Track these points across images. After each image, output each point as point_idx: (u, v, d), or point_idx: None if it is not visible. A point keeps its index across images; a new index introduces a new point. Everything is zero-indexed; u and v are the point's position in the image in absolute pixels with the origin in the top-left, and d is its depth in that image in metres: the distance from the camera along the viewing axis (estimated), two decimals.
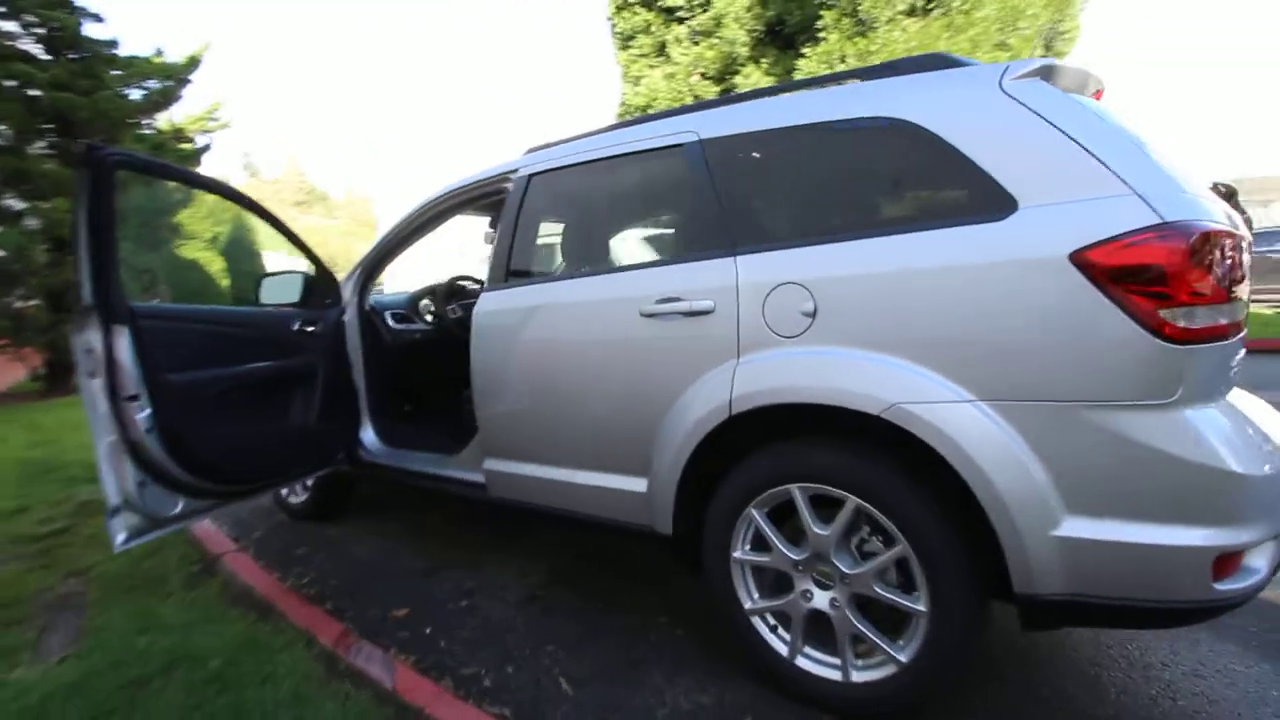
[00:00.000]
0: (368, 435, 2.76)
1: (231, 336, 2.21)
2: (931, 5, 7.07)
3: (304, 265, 2.73)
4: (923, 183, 1.53)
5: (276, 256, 30.57)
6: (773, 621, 1.66)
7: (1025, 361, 1.26)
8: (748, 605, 1.65)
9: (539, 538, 2.70)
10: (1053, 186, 1.28)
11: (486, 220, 3.32)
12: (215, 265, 17.93)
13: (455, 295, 3.18)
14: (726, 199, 1.68)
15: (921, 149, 1.44)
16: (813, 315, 1.47)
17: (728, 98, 1.90)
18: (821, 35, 7.55)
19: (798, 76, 7.90)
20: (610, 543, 2.52)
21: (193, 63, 9.02)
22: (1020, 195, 1.30)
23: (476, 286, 3.43)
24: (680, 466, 1.68)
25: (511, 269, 2.14)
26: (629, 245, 2.17)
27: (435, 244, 3.87)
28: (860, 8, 7.12)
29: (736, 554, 1.65)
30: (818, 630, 1.58)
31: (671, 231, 2.15)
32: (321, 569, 2.54)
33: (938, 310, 1.34)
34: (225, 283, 17.75)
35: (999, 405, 1.28)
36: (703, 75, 9.40)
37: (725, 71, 9.17)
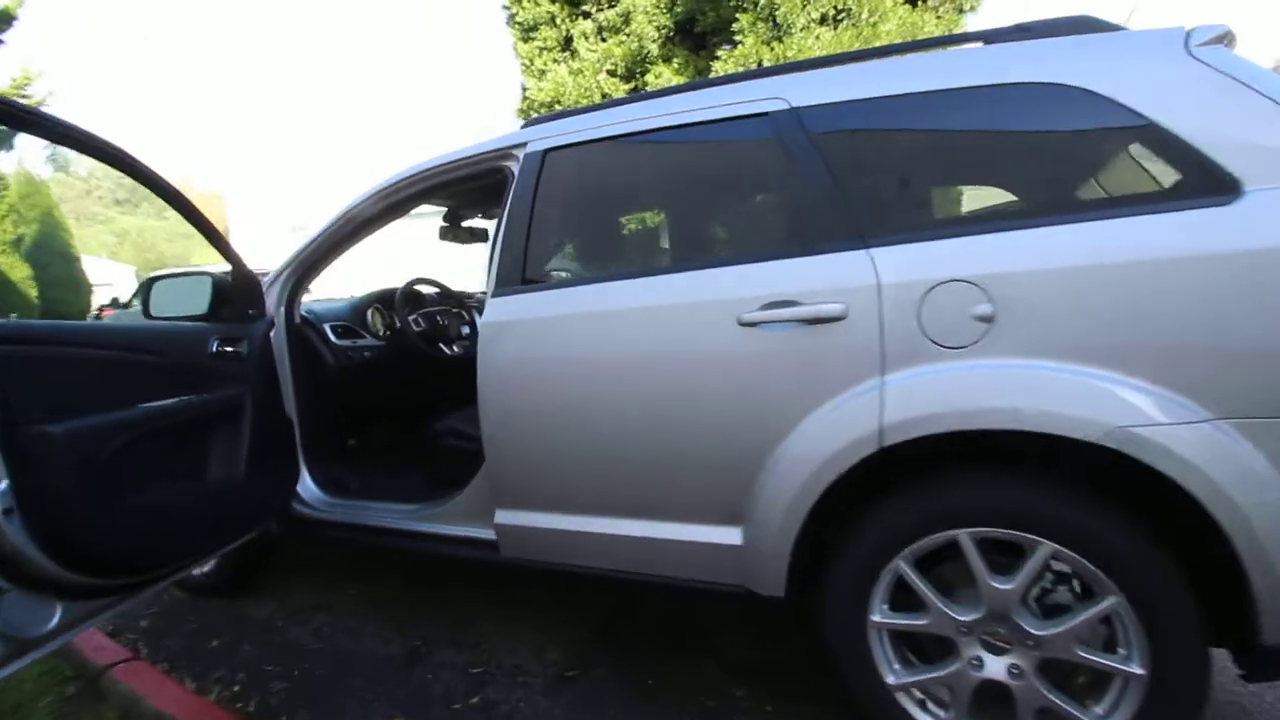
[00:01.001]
0: (304, 484, 2.15)
1: (125, 365, 1.56)
2: (841, 16, 7.26)
3: (206, 266, 2.06)
4: (1112, 160, 1.31)
5: (100, 263, 26.21)
6: (919, 695, 1.36)
7: (1270, 371, 1.06)
8: (890, 680, 1.34)
9: (535, 596, 2.23)
10: None
11: (426, 219, 2.79)
12: (19, 274, 15.02)
13: (413, 302, 2.61)
14: (845, 179, 1.37)
15: (1105, 120, 1.21)
16: (989, 320, 1.19)
17: (810, 61, 1.59)
18: (738, 38, 7.51)
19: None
20: (628, 599, 2.12)
21: (4, 18, 7.30)
22: (1245, 176, 1.10)
23: (434, 291, 2.87)
24: (802, 513, 1.33)
25: (530, 268, 1.68)
26: (699, 237, 1.80)
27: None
28: (777, 13, 7.16)
29: (875, 617, 1.33)
30: (981, 704, 1.30)
31: (760, 219, 1.80)
32: (256, 668, 1.91)
33: (1156, 312, 1.10)
34: (34, 296, 14.89)
35: (1241, 424, 1.07)
36: (610, 73, 9.10)
37: (634, 69, 8.93)
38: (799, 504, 1.33)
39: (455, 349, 2.66)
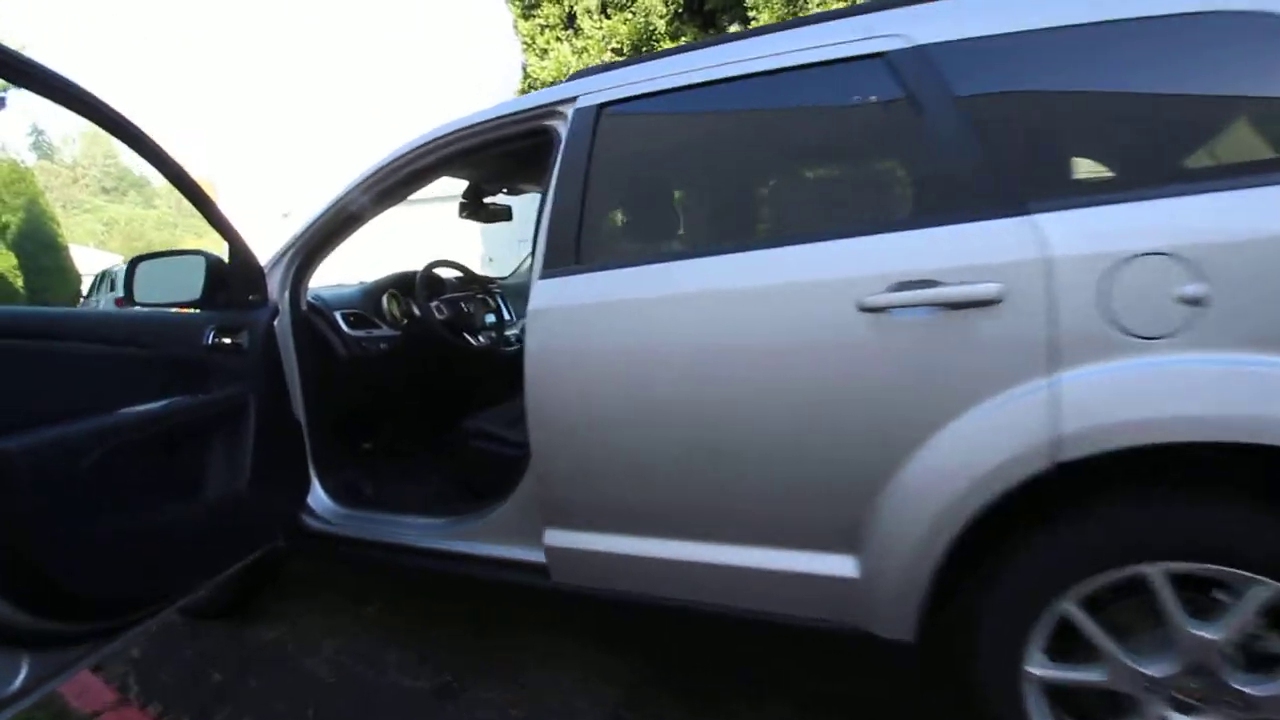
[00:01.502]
0: (314, 493, 1.89)
1: (102, 362, 1.30)
2: None
3: (200, 245, 1.80)
4: None
5: (88, 253, 25.61)
6: None
7: None
8: None
9: (580, 619, 1.98)
10: None
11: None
12: (4, 263, 14.63)
13: (433, 288, 2.34)
14: (994, 130, 1.11)
15: None
16: (1199, 302, 0.94)
17: None
18: (751, 14, 7.19)
19: None
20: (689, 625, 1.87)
21: None
22: None
23: (456, 275, 2.59)
24: (943, 542, 1.09)
25: (586, 246, 1.42)
26: (802, 204, 1.53)
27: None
28: None
29: (1033, 669, 1.09)
30: None
31: (884, 181, 1.54)
32: (265, 708, 1.66)
33: None
34: (20, 286, 14.51)
35: None
36: (615, 51, 8.76)
37: (640, 48, 8.59)
38: (939, 531, 1.08)
39: (481, 339, 2.40)
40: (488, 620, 1.99)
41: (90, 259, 22.61)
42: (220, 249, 1.72)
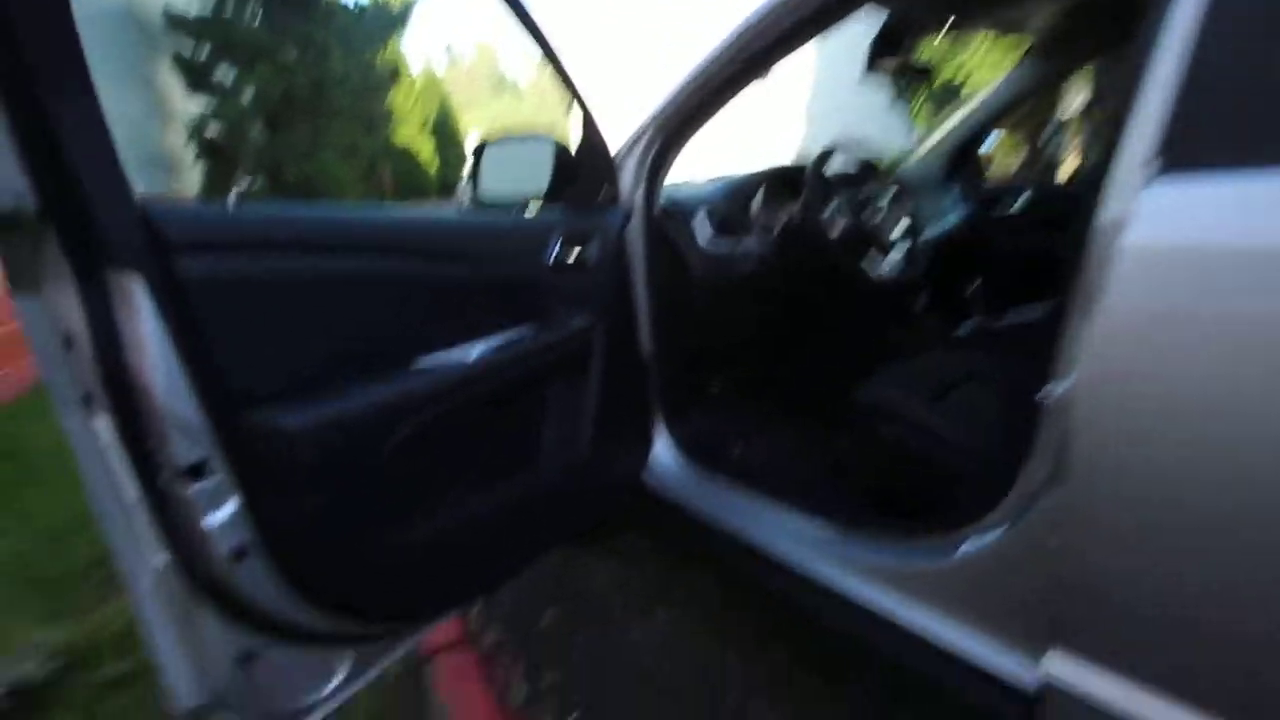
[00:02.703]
0: (658, 447, 1.51)
1: (418, 287, 0.97)
2: None
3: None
4: None
5: (474, 140, 30.97)
6: None
7: None
8: None
9: None
10: None
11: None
12: (425, 153, 18.22)
13: (824, 189, 1.68)
14: None
15: None
16: None
17: None
18: None
19: None
20: None
21: None
22: None
23: (850, 169, 1.89)
24: None
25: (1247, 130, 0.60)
26: None
27: None
28: None
29: None
30: None
31: None
32: (598, 672, 1.43)
33: None
34: (434, 173, 17.94)
35: None
36: None
37: None
38: None
39: (886, 267, 1.70)
40: None
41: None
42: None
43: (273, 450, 0.72)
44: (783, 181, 1.80)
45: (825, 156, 1.71)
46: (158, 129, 6.88)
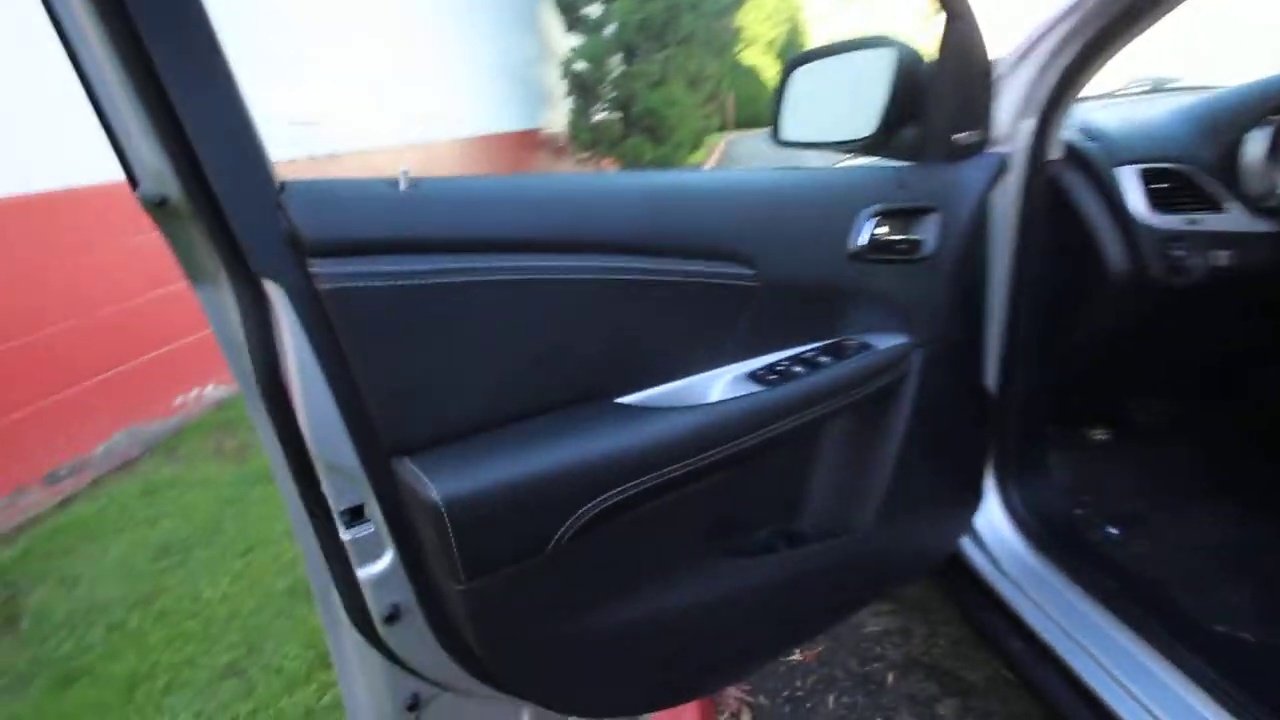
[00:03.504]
0: (985, 510, 1.03)
1: (645, 293, 0.67)
2: None
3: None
4: None
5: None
6: None
7: None
8: None
9: None
10: None
11: None
12: (770, 73, 17.72)
13: None
14: None
15: None
16: None
17: None
18: None
19: None
20: None
21: None
22: None
23: None
24: None
25: None
26: None
27: None
28: None
29: None
30: None
31: None
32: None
33: None
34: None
35: None
36: None
37: None
38: None
39: None
40: None
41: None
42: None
43: (424, 514, 0.56)
44: None
45: None
46: (542, 70, 7.86)
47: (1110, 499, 1.11)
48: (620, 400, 0.64)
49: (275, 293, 0.49)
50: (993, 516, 1.03)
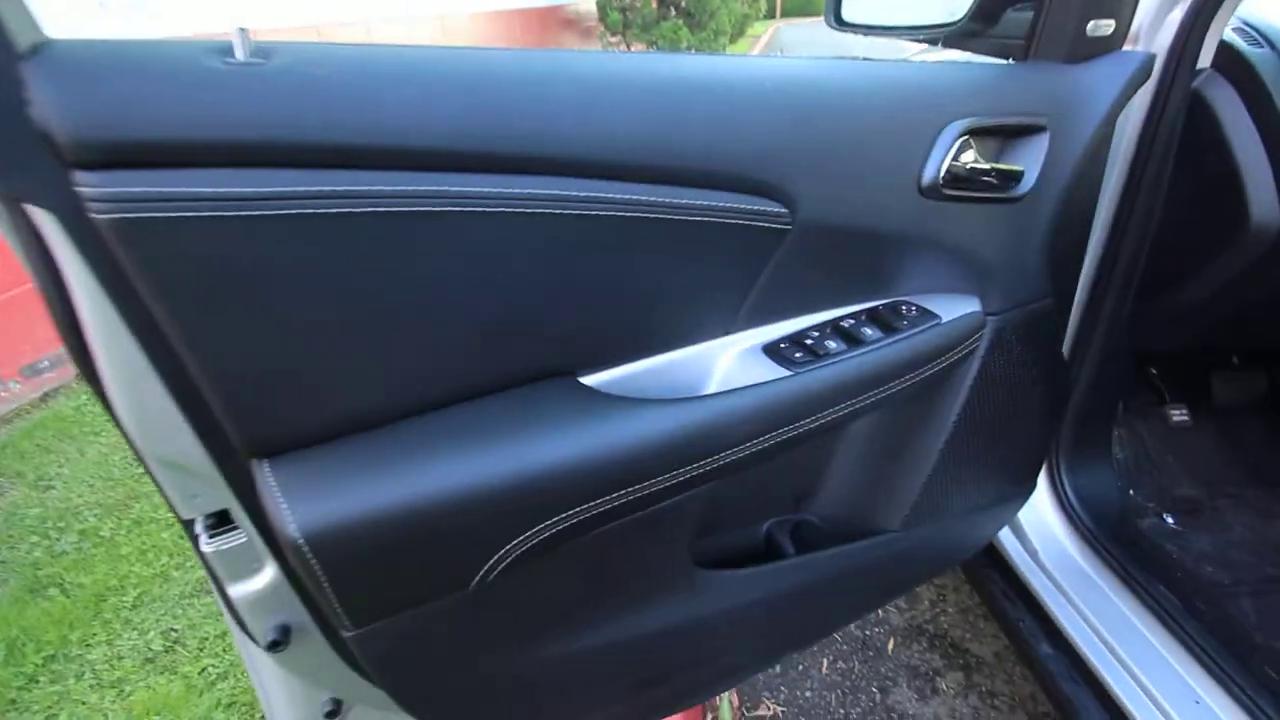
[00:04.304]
0: (1036, 501, 0.88)
1: (626, 229, 0.49)
2: None
3: None
4: None
5: None
6: None
7: None
8: None
9: None
10: None
11: None
12: None
13: None
14: None
15: None
16: None
17: None
18: None
19: None
20: None
21: None
22: None
23: None
24: None
25: None
26: None
27: None
28: None
29: None
30: None
31: None
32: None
33: None
34: None
35: None
36: None
37: None
38: None
39: None
40: None
41: None
42: None
43: (286, 548, 0.41)
44: None
45: None
46: None
47: (1174, 484, 0.96)
48: (585, 380, 0.47)
49: (47, 223, 0.32)
50: (1036, 499, 0.88)
